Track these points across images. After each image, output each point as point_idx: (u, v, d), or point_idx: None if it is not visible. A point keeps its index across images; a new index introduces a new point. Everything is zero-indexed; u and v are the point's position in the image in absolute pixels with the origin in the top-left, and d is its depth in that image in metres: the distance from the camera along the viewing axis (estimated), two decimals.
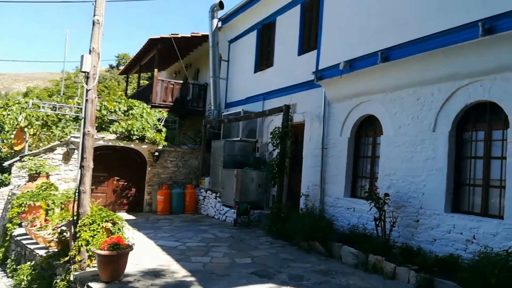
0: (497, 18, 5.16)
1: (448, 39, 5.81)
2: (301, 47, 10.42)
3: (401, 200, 6.78)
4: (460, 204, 6.09)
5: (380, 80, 7.38)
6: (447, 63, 6.07)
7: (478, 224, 5.57)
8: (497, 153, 5.67)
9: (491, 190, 5.69)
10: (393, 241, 6.67)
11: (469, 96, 5.93)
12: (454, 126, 6.16)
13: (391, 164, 7.10)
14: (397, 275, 5.70)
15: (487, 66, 5.59)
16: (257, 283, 5.42)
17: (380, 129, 7.55)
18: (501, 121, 5.61)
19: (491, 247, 5.13)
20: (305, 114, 9.80)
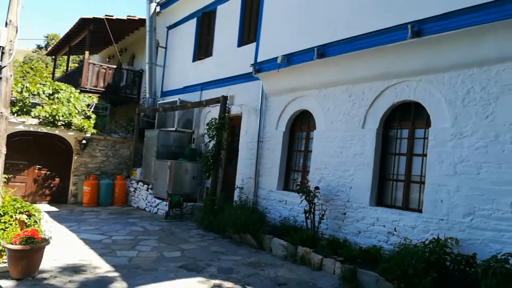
0: (425, 22, 5.44)
1: (379, 39, 6.04)
2: (240, 39, 10.32)
3: (330, 194, 6.99)
4: (384, 198, 6.40)
5: (315, 76, 7.52)
6: (377, 63, 6.32)
7: (399, 217, 5.89)
8: (418, 150, 6.02)
9: (412, 185, 6.05)
10: (321, 233, 6.86)
11: (396, 95, 6.23)
12: (381, 124, 6.45)
13: (323, 159, 7.28)
14: (323, 266, 5.86)
15: (414, 68, 5.90)
16: (185, 277, 5.27)
17: (314, 124, 7.71)
18: (423, 120, 5.96)
19: (410, 238, 5.47)
20: (242, 106, 9.74)
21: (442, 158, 5.45)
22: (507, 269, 3.97)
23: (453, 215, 5.23)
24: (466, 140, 5.22)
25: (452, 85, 5.46)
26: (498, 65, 4.98)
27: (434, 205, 5.45)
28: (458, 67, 5.40)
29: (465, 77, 5.32)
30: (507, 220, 4.71)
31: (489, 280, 3.96)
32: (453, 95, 5.44)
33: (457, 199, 5.22)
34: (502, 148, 4.85)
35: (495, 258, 4.13)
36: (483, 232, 4.91)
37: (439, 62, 5.57)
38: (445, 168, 5.39)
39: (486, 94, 5.09)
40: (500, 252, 4.32)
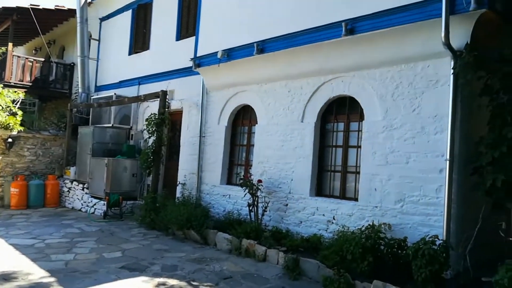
0: (357, 20, 5.73)
1: (316, 36, 6.26)
2: (179, 32, 10.12)
3: (272, 186, 7.14)
4: (323, 188, 6.69)
5: (256, 71, 7.61)
6: (314, 59, 6.55)
7: (337, 206, 6.19)
8: (353, 142, 6.36)
9: (348, 175, 6.38)
10: (265, 225, 7.00)
11: (332, 90, 6.51)
12: (319, 118, 6.71)
13: (265, 152, 7.42)
14: (268, 257, 6.00)
15: (348, 64, 6.19)
16: (127, 278, 5.12)
17: (255, 118, 7.82)
18: (357, 114, 6.29)
19: (348, 226, 5.76)
20: (183, 101, 9.59)
21: (375, 149, 5.80)
22: (434, 250, 4.35)
23: (385, 202, 5.61)
24: (396, 132, 5.60)
25: (383, 80, 5.82)
26: (423, 62, 5.40)
27: (368, 193, 5.80)
28: (388, 63, 5.76)
29: (394, 73, 5.70)
30: (433, 205, 5.15)
31: (419, 261, 4.32)
32: (383, 90, 5.80)
33: (389, 187, 5.59)
34: (428, 139, 5.28)
35: (424, 240, 4.49)
36: (413, 217, 5.32)
37: (371, 59, 5.91)
38: (378, 159, 5.75)
39: (413, 89, 5.49)
40: (428, 235, 4.71)
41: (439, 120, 5.17)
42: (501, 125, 4.66)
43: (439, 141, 5.14)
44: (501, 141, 4.60)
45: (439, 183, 5.07)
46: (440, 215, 5.00)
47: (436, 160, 5.14)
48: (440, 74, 5.20)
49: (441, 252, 4.31)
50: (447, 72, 5.09)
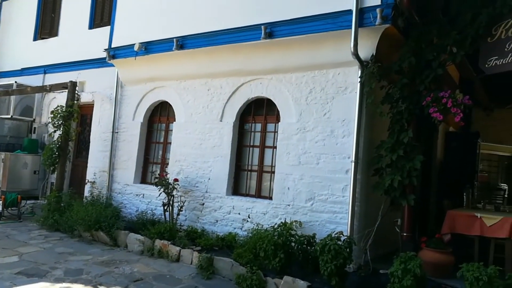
0: (276, 24, 5.91)
1: (236, 37, 6.33)
2: (93, 20, 9.49)
3: (189, 185, 7.05)
4: (240, 187, 6.78)
5: (175, 67, 7.45)
6: (234, 59, 6.61)
7: (253, 205, 6.32)
8: (270, 143, 6.55)
9: (264, 175, 6.55)
10: (180, 225, 6.88)
11: (251, 91, 6.63)
12: (238, 117, 6.79)
13: (182, 150, 7.29)
14: (181, 257, 5.91)
15: (266, 66, 6.35)
16: (24, 284, 4.66)
17: (173, 115, 7.65)
18: (274, 115, 6.49)
19: (262, 224, 5.92)
20: (95, 94, 9.01)
21: (289, 150, 6.04)
22: (339, 245, 4.65)
23: (297, 200, 5.87)
24: (308, 134, 5.89)
25: (298, 84, 6.08)
26: (334, 70, 5.75)
27: (282, 192, 6.02)
28: (303, 68, 6.03)
29: (309, 78, 5.99)
30: (340, 203, 5.51)
31: (325, 256, 4.58)
32: (298, 94, 6.06)
33: (301, 186, 5.86)
34: (336, 142, 5.64)
35: (330, 236, 4.78)
36: (321, 214, 5.64)
37: (288, 63, 6.14)
38: (291, 159, 6.00)
39: (324, 94, 5.82)
40: (334, 231, 5.02)
41: (346, 124, 5.55)
42: (399, 131, 5.16)
43: (346, 144, 5.52)
44: (398, 145, 5.10)
45: (345, 183, 5.45)
46: (346, 213, 5.37)
47: (343, 161, 5.52)
48: (349, 81, 5.59)
49: (345, 247, 4.62)
50: (355, 80, 5.48)
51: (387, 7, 4.96)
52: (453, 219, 5.49)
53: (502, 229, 5.13)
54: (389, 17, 4.97)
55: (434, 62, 5.08)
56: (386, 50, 5.48)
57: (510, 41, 4.68)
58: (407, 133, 5.07)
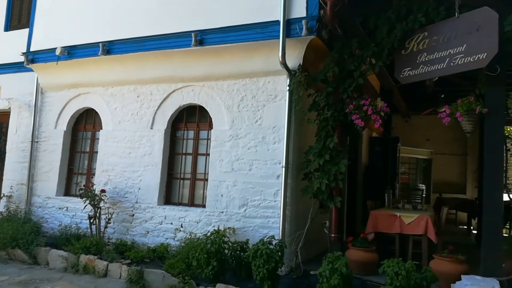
0: (207, 32, 5.92)
1: (166, 43, 6.23)
2: (9, 22, 8.77)
3: (118, 196, 6.76)
4: (172, 196, 6.64)
5: (101, 73, 7.13)
6: (164, 66, 6.49)
7: (185, 214, 6.21)
8: (202, 150, 6.50)
9: (197, 183, 6.48)
10: (108, 238, 6.57)
11: (183, 98, 6.55)
12: (169, 125, 6.66)
13: (110, 160, 6.98)
14: (109, 272, 5.63)
15: (198, 74, 6.33)
16: None
17: (100, 123, 7.30)
18: (207, 122, 6.47)
19: (195, 232, 5.86)
20: (11, 100, 8.31)
21: (222, 156, 6.05)
22: (271, 249, 4.73)
23: (231, 207, 5.88)
24: (241, 140, 5.95)
25: (230, 92, 6.13)
26: (265, 78, 5.89)
27: (215, 199, 6.00)
28: (234, 76, 6.10)
29: (240, 86, 6.06)
30: (272, 208, 5.62)
31: (258, 260, 4.64)
32: (230, 101, 6.11)
33: (234, 193, 5.89)
34: (268, 148, 5.76)
35: (262, 241, 4.85)
36: (254, 220, 5.71)
37: (219, 71, 6.17)
38: (224, 166, 6.01)
39: (256, 102, 5.93)
40: (267, 236, 5.11)
41: (277, 131, 5.70)
42: (325, 137, 5.41)
43: (277, 150, 5.66)
44: (325, 151, 5.34)
45: (277, 188, 5.57)
46: (277, 217, 5.49)
47: (275, 167, 5.65)
48: (278, 89, 5.76)
49: (276, 251, 4.72)
50: (284, 88, 5.66)
51: (312, 19, 5.20)
52: (376, 218, 5.86)
53: (419, 226, 5.57)
54: (314, 29, 5.21)
55: (355, 72, 5.41)
56: (313, 60, 5.74)
57: (421, 53, 5.12)
58: (332, 139, 5.33)
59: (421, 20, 5.01)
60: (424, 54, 5.10)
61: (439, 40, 4.94)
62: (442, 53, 4.89)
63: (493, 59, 4.48)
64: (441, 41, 4.92)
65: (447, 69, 4.87)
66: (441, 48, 4.90)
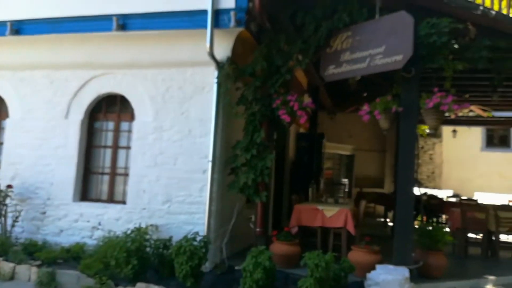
0: (129, 17, 5.57)
1: (84, 26, 5.75)
2: None
3: (27, 192, 6.15)
4: (89, 192, 6.20)
5: (9, 54, 6.41)
6: (82, 50, 6.02)
7: (104, 211, 5.84)
8: (124, 143, 6.14)
9: (117, 178, 6.11)
10: (16, 238, 5.96)
11: (102, 86, 6.12)
12: (87, 115, 6.19)
13: (18, 152, 6.31)
14: (16, 274, 5.14)
15: (120, 60, 5.95)
16: None
17: (7, 111, 6.57)
18: (128, 113, 6.11)
19: (115, 231, 5.51)
20: None
21: (145, 150, 5.76)
22: (195, 246, 4.60)
23: (153, 203, 5.63)
24: (165, 133, 5.71)
25: (154, 81, 5.85)
26: (192, 69, 5.69)
27: (137, 195, 5.71)
28: (160, 65, 5.82)
29: (166, 75, 5.80)
30: (197, 203, 5.48)
31: (181, 258, 4.48)
32: (155, 91, 5.83)
33: (157, 188, 5.65)
34: (194, 141, 5.60)
35: (186, 238, 4.70)
36: (179, 216, 5.53)
37: (144, 59, 5.86)
38: (147, 160, 5.73)
39: (182, 93, 5.72)
40: (191, 232, 4.96)
41: (204, 124, 5.55)
42: (252, 131, 5.39)
43: (203, 143, 5.51)
44: (252, 145, 5.33)
45: (203, 183, 5.43)
46: (203, 213, 5.36)
47: (201, 161, 5.50)
48: (206, 81, 5.60)
49: (200, 247, 4.60)
50: (212, 80, 5.52)
51: (241, 11, 5.11)
52: (300, 212, 5.98)
53: (339, 220, 5.80)
54: (243, 21, 5.13)
55: (283, 68, 5.45)
56: (242, 53, 5.66)
57: (344, 52, 5.30)
58: (260, 134, 5.33)
59: (345, 19, 5.18)
60: (347, 53, 5.28)
61: (361, 40, 5.15)
62: (364, 53, 5.10)
63: (409, 61, 4.78)
64: (363, 42, 5.13)
65: (368, 68, 5.10)
66: (363, 48, 5.12)
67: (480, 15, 5.20)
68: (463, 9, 5.07)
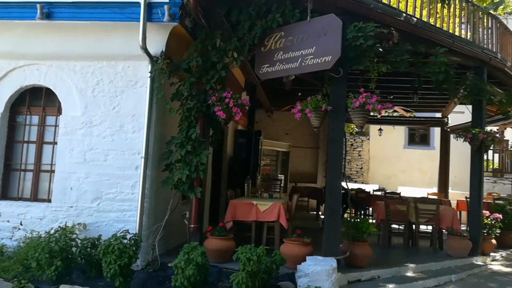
0: (56, 5, 5.25)
1: (6, 12, 5.34)
2: None
3: None
4: (10, 191, 5.77)
5: None
6: (2, 39, 5.58)
7: (26, 210, 5.48)
8: (49, 138, 5.79)
9: (42, 175, 5.75)
10: None
11: (25, 78, 5.72)
12: (7, 108, 5.76)
13: None
14: None
15: (45, 51, 5.60)
16: None
17: None
18: (55, 107, 5.78)
19: (38, 230, 5.20)
20: None
21: (73, 146, 5.49)
22: (124, 244, 4.46)
23: (82, 201, 5.40)
24: (95, 128, 5.49)
25: (84, 74, 5.59)
26: (124, 62, 5.52)
27: (63, 193, 5.43)
28: (90, 57, 5.57)
29: (96, 68, 5.57)
30: (129, 200, 5.34)
31: (109, 257, 4.31)
32: (84, 85, 5.57)
33: (86, 186, 5.41)
34: (126, 137, 5.44)
35: (115, 236, 4.53)
36: (109, 214, 5.35)
37: (72, 50, 5.57)
38: (75, 156, 5.47)
39: (113, 87, 5.52)
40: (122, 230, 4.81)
41: (137, 119, 5.42)
42: (188, 127, 5.35)
43: (136, 139, 5.38)
44: (187, 141, 5.29)
45: (135, 180, 5.31)
46: (135, 210, 5.23)
47: (133, 157, 5.36)
48: (139, 75, 5.46)
49: (131, 245, 4.47)
50: (145, 74, 5.39)
51: (175, 5, 5.03)
52: (235, 207, 6.05)
53: (272, 213, 5.95)
54: (177, 15, 5.06)
55: (218, 64, 5.46)
56: (177, 48, 5.60)
57: (278, 51, 5.44)
58: (195, 130, 5.30)
59: (278, 20, 5.31)
60: (280, 52, 5.43)
61: (294, 40, 5.32)
62: (296, 53, 5.28)
63: (337, 62, 5.03)
64: (295, 42, 5.31)
65: (300, 68, 5.28)
66: (295, 48, 5.29)
67: (403, 21, 5.63)
68: (387, 15, 5.44)
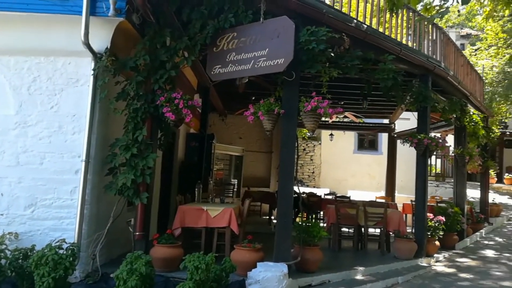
0: None
1: None
2: None
3: None
4: None
5: None
6: None
7: None
8: None
9: None
10: None
11: None
12: None
13: None
14: None
15: None
16: None
17: None
18: None
19: None
20: None
21: (5, 147, 5.03)
22: (60, 255, 4.12)
23: (14, 208, 4.94)
24: (30, 129, 5.06)
25: (19, 70, 5.14)
26: (65, 58, 5.13)
27: None
28: (26, 52, 5.14)
29: (32, 64, 5.14)
30: (67, 207, 4.95)
31: (42, 269, 3.96)
32: (19, 81, 5.12)
33: (19, 191, 4.96)
34: (65, 139, 5.05)
35: (50, 246, 4.19)
36: (44, 222, 4.93)
37: (5, 44, 5.12)
38: (7, 159, 5.01)
39: (52, 85, 5.12)
40: (56, 239, 4.43)
41: (77, 120, 5.05)
42: (134, 129, 5.06)
43: (76, 141, 5.01)
44: (133, 144, 4.99)
45: (74, 185, 4.93)
46: (74, 217, 4.85)
47: (73, 161, 4.99)
48: (81, 73, 5.11)
49: (67, 256, 4.14)
50: (87, 72, 5.04)
51: (121, 0, 4.77)
52: (184, 213, 5.81)
53: (223, 219, 5.78)
54: (123, 10, 4.78)
55: (168, 64, 5.22)
56: (123, 45, 5.30)
57: (230, 52, 5.31)
58: (141, 131, 5.02)
59: (231, 20, 5.19)
60: (233, 53, 5.30)
61: (246, 42, 5.22)
62: (248, 55, 5.18)
63: (290, 66, 4.98)
64: (248, 43, 5.21)
65: (252, 70, 5.18)
66: (248, 50, 5.19)
67: (354, 27, 5.71)
68: (339, 20, 5.49)
